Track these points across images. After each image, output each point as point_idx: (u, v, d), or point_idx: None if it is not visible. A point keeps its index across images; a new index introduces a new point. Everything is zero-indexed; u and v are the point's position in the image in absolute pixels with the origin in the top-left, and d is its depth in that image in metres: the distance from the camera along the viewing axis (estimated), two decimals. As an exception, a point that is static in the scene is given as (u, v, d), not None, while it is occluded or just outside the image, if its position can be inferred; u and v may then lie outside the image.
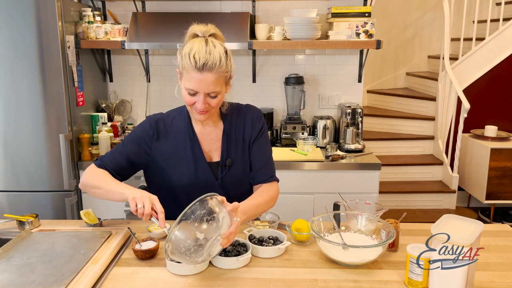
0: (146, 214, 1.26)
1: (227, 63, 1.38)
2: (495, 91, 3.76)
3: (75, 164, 2.53)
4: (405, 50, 4.64)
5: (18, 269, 1.23)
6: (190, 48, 1.35)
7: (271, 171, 1.59)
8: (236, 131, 1.56)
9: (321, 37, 2.74)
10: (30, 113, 2.40)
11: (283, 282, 1.22)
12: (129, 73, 3.04)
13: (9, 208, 2.49)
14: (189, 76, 1.36)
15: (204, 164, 1.53)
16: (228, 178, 1.55)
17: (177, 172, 1.53)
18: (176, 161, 1.52)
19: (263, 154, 1.59)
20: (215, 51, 1.35)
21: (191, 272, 1.25)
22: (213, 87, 1.36)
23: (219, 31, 1.44)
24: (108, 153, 1.55)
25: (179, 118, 1.55)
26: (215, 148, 1.56)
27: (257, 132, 1.58)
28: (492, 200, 3.46)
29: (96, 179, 1.47)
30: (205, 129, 1.55)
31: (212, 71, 1.34)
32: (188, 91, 1.38)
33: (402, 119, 3.92)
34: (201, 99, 1.38)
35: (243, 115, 1.58)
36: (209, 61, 1.33)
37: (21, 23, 2.30)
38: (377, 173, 2.52)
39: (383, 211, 1.46)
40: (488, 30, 3.67)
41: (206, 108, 1.40)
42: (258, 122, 1.59)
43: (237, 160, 1.55)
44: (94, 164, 1.54)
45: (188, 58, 1.34)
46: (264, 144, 1.59)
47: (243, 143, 1.57)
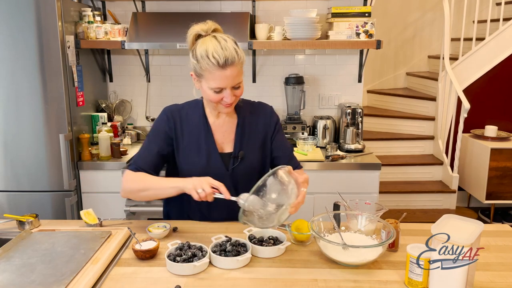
0: (209, 194, 1.33)
1: (240, 52, 1.42)
2: (495, 91, 3.76)
3: (75, 164, 2.53)
4: (405, 50, 4.64)
5: (18, 269, 1.23)
6: (205, 49, 1.38)
7: (297, 161, 1.67)
8: (250, 125, 1.61)
9: (321, 37, 2.74)
10: (30, 113, 2.40)
11: (283, 282, 1.22)
12: (129, 73, 3.04)
13: (9, 208, 2.49)
14: (213, 76, 1.39)
15: (216, 155, 1.56)
16: (238, 170, 1.57)
17: (190, 161, 1.56)
18: (190, 150, 1.56)
19: (287, 145, 1.67)
20: (229, 45, 1.39)
21: (191, 272, 1.26)
22: (237, 79, 1.42)
23: (218, 25, 1.48)
24: (138, 156, 1.58)
25: (194, 109, 1.59)
26: (228, 140, 1.59)
27: (273, 127, 1.63)
28: (492, 200, 3.46)
29: (141, 182, 1.49)
30: (219, 121, 1.59)
31: (233, 65, 1.39)
32: (214, 90, 1.42)
33: (402, 119, 3.92)
34: (228, 94, 1.42)
35: (256, 110, 1.64)
36: (229, 57, 1.37)
37: (21, 23, 2.30)
38: (377, 173, 2.52)
39: (383, 211, 1.46)
40: (488, 30, 3.67)
41: (233, 100, 1.45)
42: (272, 117, 1.64)
43: (249, 153, 1.58)
44: (128, 170, 1.55)
45: (207, 59, 1.37)
46: (283, 137, 1.67)
47: (256, 137, 1.61)
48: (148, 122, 3.09)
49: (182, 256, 1.28)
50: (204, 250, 1.33)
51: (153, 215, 2.43)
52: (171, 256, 1.30)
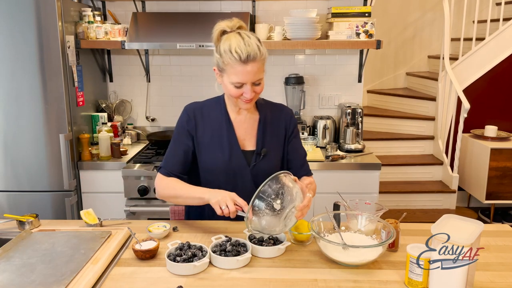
0: (233, 212, 1.36)
1: (263, 49, 1.45)
2: (495, 91, 3.76)
3: (75, 164, 2.53)
4: (405, 50, 4.64)
5: (18, 269, 1.23)
6: (229, 44, 1.41)
7: (309, 167, 1.71)
8: (271, 123, 1.63)
9: (321, 37, 2.74)
10: (30, 113, 2.40)
11: (283, 282, 1.22)
12: (129, 73, 3.04)
13: (9, 208, 2.49)
14: (235, 71, 1.42)
15: (238, 151, 1.58)
16: (260, 167, 1.58)
17: (212, 157, 1.58)
18: (212, 146, 1.58)
19: (302, 150, 1.70)
20: (252, 42, 1.42)
21: (191, 272, 1.26)
22: (258, 75, 1.44)
23: (243, 22, 1.50)
24: (166, 159, 1.61)
25: (216, 106, 1.62)
26: (249, 137, 1.61)
27: (292, 130, 1.66)
28: (492, 200, 3.46)
29: (172, 190, 1.55)
30: (241, 118, 1.61)
31: (255, 61, 1.41)
32: (235, 85, 1.44)
33: (402, 119, 3.92)
34: (248, 89, 1.44)
35: (279, 110, 1.67)
36: (251, 53, 1.40)
37: (21, 23, 2.30)
38: (377, 173, 2.52)
39: (383, 211, 1.46)
40: (488, 30, 3.67)
41: (253, 96, 1.47)
42: (293, 120, 1.68)
43: (271, 150, 1.61)
44: (159, 174, 1.60)
45: (230, 53, 1.40)
46: (299, 142, 1.70)
47: (278, 137, 1.63)
48: (148, 122, 3.09)
49: (182, 256, 1.28)
50: (204, 250, 1.33)
51: (153, 215, 2.43)
52: (171, 256, 1.30)
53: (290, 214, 1.30)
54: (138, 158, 2.57)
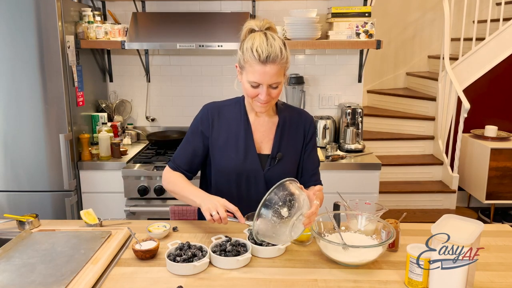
0: (223, 218, 1.36)
1: (287, 54, 1.43)
2: (495, 91, 3.76)
3: (75, 164, 2.53)
4: (405, 50, 4.64)
5: (18, 269, 1.23)
6: (252, 43, 1.41)
7: (319, 177, 1.69)
8: (290, 128, 1.61)
9: (321, 37, 2.74)
10: (30, 113, 2.40)
11: (283, 282, 1.22)
12: (129, 73, 3.04)
13: (9, 208, 2.49)
14: (253, 69, 1.41)
15: (253, 153, 1.57)
16: (274, 171, 1.57)
17: (227, 157, 1.57)
18: (227, 146, 1.57)
19: (316, 159, 1.68)
20: (275, 43, 1.41)
21: (191, 272, 1.26)
22: (275, 78, 1.42)
23: (274, 25, 1.50)
24: (177, 154, 1.63)
25: (235, 106, 1.61)
26: (267, 140, 1.59)
27: (310, 136, 1.64)
28: (492, 200, 3.46)
29: (172, 184, 1.58)
30: (259, 120, 1.60)
31: (275, 63, 1.39)
32: (251, 84, 1.44)
33: (402, 119, 3.92)
34: (264, 91, 1.43)
35: (298, 115, 1.65)
36: (271, 54, 1.38)
37: (21, 23, 2.30)
38: (377, 173, 2.52)
39: (383, 211, 1.46)
40: (488, 30, 3.67)
41: (269, 99, 1.45)
42: (312, 127, 1.65)
43: (286, 155, 1.59)
44: (168, 166, 1.64)
45: (251, 52, 1.40)
46: (315, 150, 1.68)
47: (295, 143, 1.61)
48: (148, 122, 3.09)
49: (182, 256, 1.28)
50: (204, 250, 1.33)
51: (153, 215, 2.43)
52: (171, 256, 1.30)
53: (297, 222, 1.28)
54: (138, 158, 2.57)
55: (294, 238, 1.32)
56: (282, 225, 1.26)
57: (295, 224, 1.27)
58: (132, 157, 2.60)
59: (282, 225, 1.27)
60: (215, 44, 2.53)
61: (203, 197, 1.45)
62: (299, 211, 1.27)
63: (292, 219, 1.26)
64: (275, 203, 1.27)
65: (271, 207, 1.27)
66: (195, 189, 1.52)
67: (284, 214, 1.26)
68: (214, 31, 2.66)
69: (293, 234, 1.29)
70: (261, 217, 1.27)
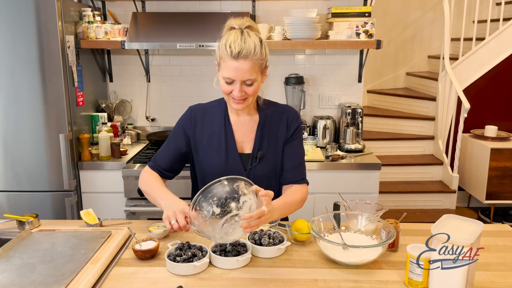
0: (183, 226, 1.33)
1: (262, 51, 1.42)
2: (495, 91, 3.76)
3: (75, 164, 2.53)
4: (405, 50, 4.64)
5: (18, 269, 1.23)
6: (226, 39, 1.41)
7: (303, 173, 1.62)
8: (270, 127, 1.59)
9: (321, 37, 2.74)
10: (30, 113, 2.40)
11: (283, 282, 1.22)
12: (129, 73, 3.04)
13: (9, 208, 2.49)
14: (226, 65, 1.41)
15: (235, 154, 1.56)
16: (256, 171, 1.57)
17: (210, 159, 1.57)
18: (209, 148, 1.57)
19: (296, 155, 1.61)
20: (250, 40, 1.40)
21: (191, 272, 1.26)
22: (248, 74, 1.40)
23: (255, 23, 1.49)
24: (159, 152, 1.63)
25: (217, 107, 1.61)
26: (248, 139, 1.59)
27: (292, 132, 1.60)
28: (492, 200, 3.46)
29: (145, 184, 1.57)
30: (240, 120, 1.59)
31: (247, 59, 1.38)
32: (225, 80, 1.43)
33: (402, 119, 3.92)
34: (237, 87, 1.42)
35: (280, 113, 1.62)
36: (243, 49, 1.38)
37: (21, 23, 2.30)
38: (377, 173, 2.52)
39: (383, 211, 1.46)
40: (488, 30, 3.67)
41: (243, 96, 1.44)
42: (295, 122, 1.61)
43: (268, 155, 1.58)
44: (148, 165, 1.63)
45: (225, 47, 1.40)
46: (297, 146, 1.62)
47: (276, 140, 1.59)
48: (148, 122, 3.09)
49: (182, 256, 1.28)
50: (204, 250, 1.33)
51: (153, 215, 2.43)
52: (171, 256, 1.30)
53: (234, 223, 1.19)
54: (138, 158, 2.57)
55: (229, 241, 1.27)
56: (213, 221, 1.20)
57: (226, 225, 1.19)
58: (132, 157, 2.60)
59: (213, 222, 1.20)
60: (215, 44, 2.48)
61: (167, 202, 1.42)
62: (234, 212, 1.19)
63: (223, 219, 1.19)
64: (211, 197, 1.21)
65: (206, 200, 1.21)
66: (165, 192, 1.49)
67: (216, 210, 1.20)
68: (214, 31, 2.64)
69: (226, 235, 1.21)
70: (197, 207, 1.22)
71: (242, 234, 1.23)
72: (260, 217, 1.18)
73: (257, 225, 1.19)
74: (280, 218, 1.49)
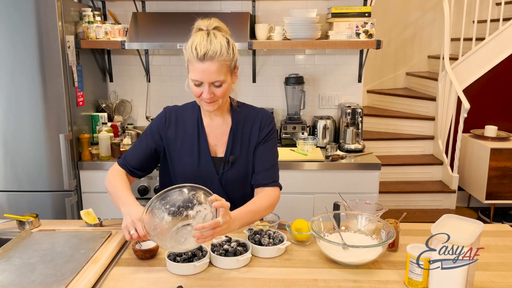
0: (143, 236, 1.27)
1: (229, 52, 1.39)
2: (495, 91, 3.76)
3: (75, 164, 2.53)
4: (405, 50, 4.64)
5: (18, 269, 1.23)
6: (193, 40, 1.40)
7: (275, 176, 1.57)
8: (243, 130, 1.57)
9: (321, 37, 2.74)
10: (30, 113, 2.40)
11: (283, 282, 1.22)
12: (129, 73, 3.04)
13: (9, 208, 2.49)
14: (193, 67, 1.41)
15: (207, 157, 1.55)
16: (229, 175, 1.55)
17: (182, 161, 1.56)
18: (183, 150, 1.56)
19: (268, 157, 1.57)
20: (216, 41, 1.38)
21: (191, 272, 1.26)
22: (215, 76, 1.39)
23: (223, 24, 1.47)
24: (130, 149, 1.61)
25: (192, 110, 1.59)
26: (221, 143, 1.57)
27: (263, 136, 1.57)
28: (492, 200, 3.46)
29: (111, 185, 1.52)
30: (213, 123, 1.57)
31: (213, 60, 1.37)
32: (194, 82, 1.43)
33: (402, 119, 3.92)
34: (206, 89, 1.41)
35: (253, 116, 1.59)
36: (209, 51, 1.36)
37: (21, 23, 2.30)
38: (377, 173, 2.52)
39: (383, 211, 1.46)
40: (488, 30, 3.67)
41: (212, 98, 1.43)
42: (267, 126, 1.58)
43: (240, 158, 1.56)
44: (117, 162, 1.59)
45: (191, 50, 1.39)
46: (269, 148, 1.58)
47: (249, 144, 1.57)
48: (148, 122, 3.09)
49: (182, 256, 1.28)
50: (204, 250, 1.33)
51: (153, 215, 2.43)
52: (171, 256, 1.30)
53: (186, 233, 1.18)
54: (138, 158, 2.57)
55: (181, 250, 1.25)
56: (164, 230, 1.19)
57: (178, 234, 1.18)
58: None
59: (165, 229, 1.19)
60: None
61: (126, 209, 1.36)
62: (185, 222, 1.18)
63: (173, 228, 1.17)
64: (166, 203, 1.19)
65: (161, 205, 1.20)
66: (126, 196, 1.44)
67: (167, 218, 1.19)
68: (214, 31, 2.66)
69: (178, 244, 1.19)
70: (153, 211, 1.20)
71: (195, 244, 1.20)
72: (214, 228, 1.16)
73: (211, 236, 1.17)
74: (241, 227, 1.40)
